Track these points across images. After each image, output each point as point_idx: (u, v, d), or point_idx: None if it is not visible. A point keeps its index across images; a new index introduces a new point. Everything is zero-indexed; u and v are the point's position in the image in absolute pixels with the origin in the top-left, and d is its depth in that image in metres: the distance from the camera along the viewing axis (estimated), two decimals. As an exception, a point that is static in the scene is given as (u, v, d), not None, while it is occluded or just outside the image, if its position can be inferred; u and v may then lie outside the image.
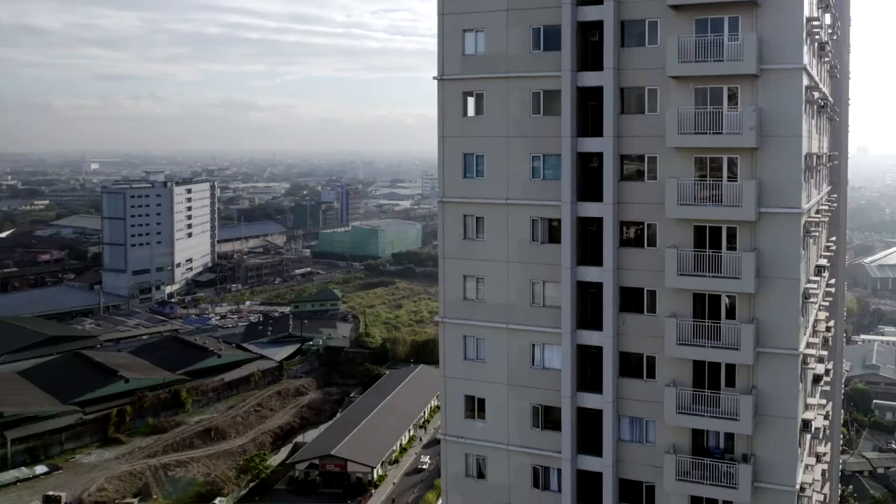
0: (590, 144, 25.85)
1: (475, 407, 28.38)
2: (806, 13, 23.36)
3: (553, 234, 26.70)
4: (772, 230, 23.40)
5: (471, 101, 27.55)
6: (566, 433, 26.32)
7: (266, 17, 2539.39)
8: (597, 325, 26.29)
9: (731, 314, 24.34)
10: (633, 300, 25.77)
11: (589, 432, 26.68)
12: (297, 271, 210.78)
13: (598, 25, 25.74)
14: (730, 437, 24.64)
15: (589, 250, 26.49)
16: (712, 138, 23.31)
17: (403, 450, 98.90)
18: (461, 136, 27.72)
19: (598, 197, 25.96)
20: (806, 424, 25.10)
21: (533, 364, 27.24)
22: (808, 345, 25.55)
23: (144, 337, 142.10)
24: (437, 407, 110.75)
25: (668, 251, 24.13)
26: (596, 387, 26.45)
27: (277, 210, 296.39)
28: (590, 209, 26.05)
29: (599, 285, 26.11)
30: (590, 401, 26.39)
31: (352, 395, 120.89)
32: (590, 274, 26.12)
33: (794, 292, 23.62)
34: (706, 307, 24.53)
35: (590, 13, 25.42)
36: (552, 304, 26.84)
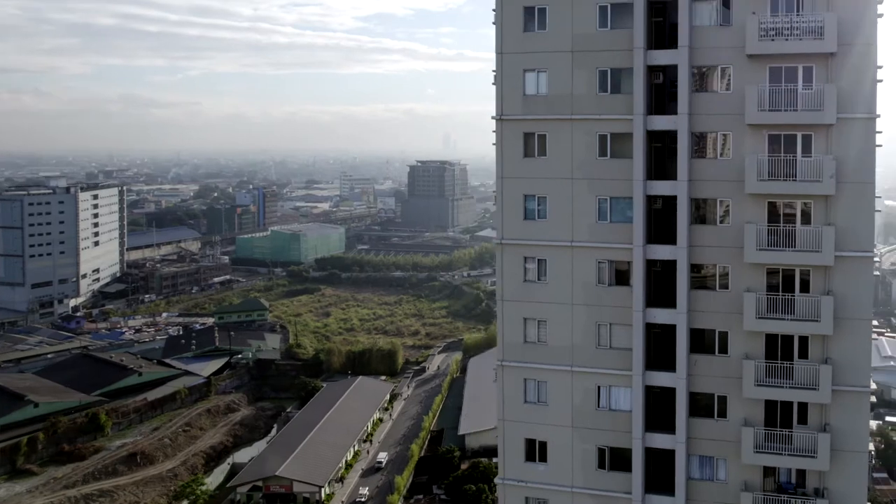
0: (660, 188, 26.05)
1: (536, 450, 27.82)
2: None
3: (620, 276, 26.77)
4: (846, 273, 24.04)
5: (532, 141, 27.23)
6: (636, 473, 26.11)
7: (166, 9, 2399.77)
8: (664, 365, 26.44)
9: (803, 353, 24.63)
10: (703, 341, 25.94)
11: (656, 472, 26.52)
12: (216, 279, 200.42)
13: (663, 68, 25.91)
14: (801, 472, 24.96)
15: (652, 291, 26.62)
16: (791, 185, 23.65)
17: (349, 466, 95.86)
18: (521, 178, 27.46)
19: (664, 239, 26.13)
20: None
21: (598, 406, 27.22)
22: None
23: (49, 355, 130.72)
24: (381, 420, 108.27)
25: (746, 295, 24.66)
26: (663, 426, 26.66)
27: (189, 214, 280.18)
28: (659, 252, 26.14)
29: (664, 326, 26.28)
30: (659, 441, 26.48)
31: (288, 410, 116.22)
32: (659, 316, 26.27)
33: (867, 332, 24.47)
34: (779, 347, 24.75)
35: (661, 57, 25.53)
36: (619, 346, 26.90)
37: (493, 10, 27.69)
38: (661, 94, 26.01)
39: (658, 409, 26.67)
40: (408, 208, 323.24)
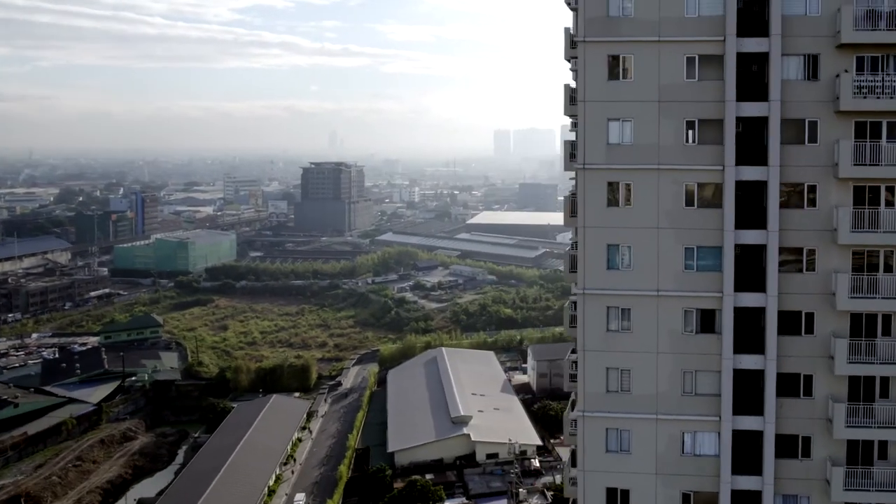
0: (750, 237, 26.58)
1: (618, 498, 28.02)
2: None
3: (705, 323, 27.09)
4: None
5: (616, 191, 27.16)
6: (724, 517, 25.59)
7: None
8: (749, 409, 26.87)
9: (884, 392, 25.37)
10: (789, 385, 26.72)
11: (740, 513, 26.54)
12: (93, 294, 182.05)
13: (743, 118, 26.33)
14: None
15: (738, 337, 27.08)
16: (878, 236, 24.19)
17: (272, 492, 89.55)
18: (605, 227, 27.34)
19: (750, 286, 26.46)
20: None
21: (683, 452, 27.44)
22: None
23: None
24: (300, 440, 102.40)
25: (838, 341, 25.34)
26: (748, 469, 27.13)
27: (52, 221, 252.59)
28: (747, 299, 26.69)
29: (748, 370, 26.74)
30: (744, 483, 27.38)
31: (196, 435, 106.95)
32: (746, 361, 26.88)
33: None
34: (861, 389, 25.07)
35: (749, 109, 26.03)
36: (704, 392, 27.34)
37: (573, 59, 28.24)
38: (745, 143, 26.26)
39: (741, 451, 27.14)
40: (301, 212, 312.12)
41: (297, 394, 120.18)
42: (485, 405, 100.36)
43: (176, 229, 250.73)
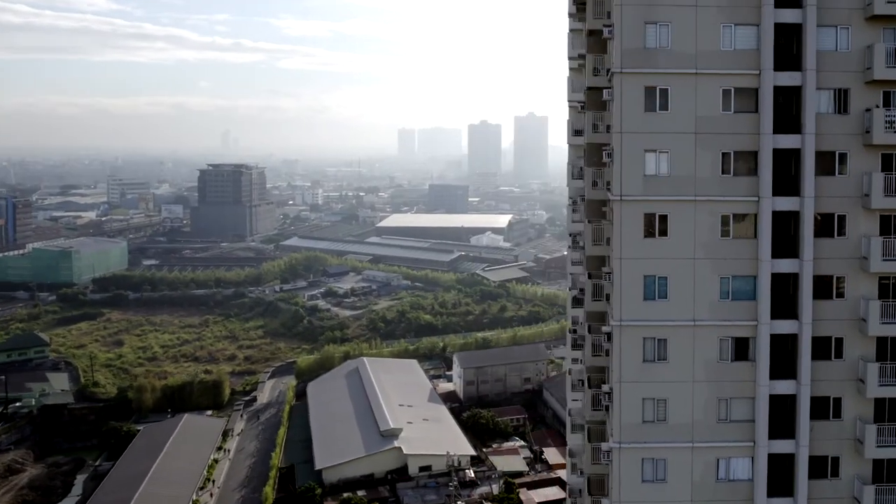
0: (782, 265, 27.43)
1: None
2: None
3: (740, 351, 27.81)
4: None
5: (653, 222, 27.58)
6: (759, 540, 26.57)
7: None
8: (781, 433, 27.86)
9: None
10: (819, 408, 27.88)
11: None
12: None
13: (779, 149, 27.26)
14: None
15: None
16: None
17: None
18: (642, 258, 27.66)
19: (783, 313, 27.45)
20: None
21: (718, 478, 28.07)
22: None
23: None
24: (216, 461, 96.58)
25: (870, 366, 26.60)
26: (781, 491, 28.10)
27: None
28: (780, 326, 27.57)
29: (779, 395, 27.85)
30: None
31: (96, 463, 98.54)
32: (780, 387, 27.79)
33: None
34: (886, 410, 26.58)
35: (784, 141, 26.95)
36: (738, 419, 28.01)
37: (608, 88, 27.96)
38: (776, 174, 27.11)
39: (774, 474, 28.04)
40: (199, 216, 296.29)
41: (209, 412, 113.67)
42: (413, 416, 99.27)
43: (55, 237, 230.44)
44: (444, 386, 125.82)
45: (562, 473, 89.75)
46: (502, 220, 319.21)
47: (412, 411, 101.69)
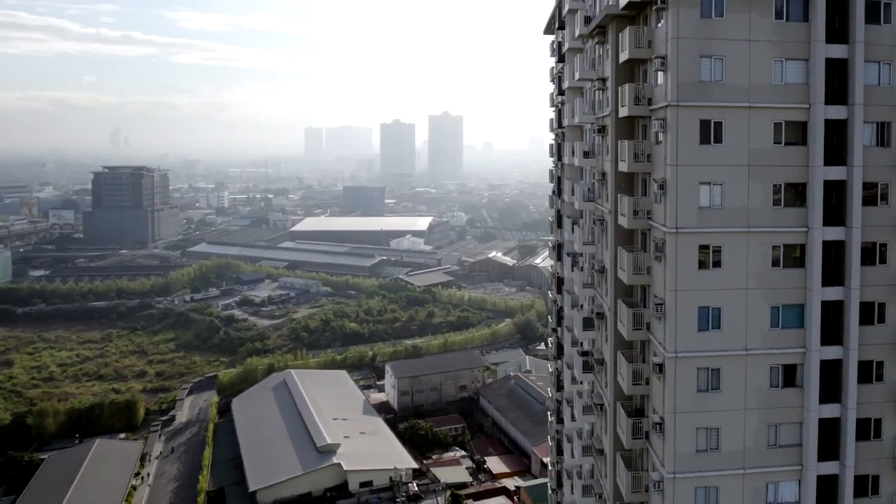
0: (829, 293, 28.66)
1: None
2: None
3: (788, 377, 28.83)
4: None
5: (707, 254, 28.16)
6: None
7: None
8: (826, 454, 29.21)
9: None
10: (862, 429, 29.45)
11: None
12: None
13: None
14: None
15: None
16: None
17: (111, 560, 78.82)
18: (696, 290, 28.19)
19: (829, 339, 28.80)
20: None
21: (767, 502, 28.93)
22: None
23: None
24: (135, 488, 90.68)
25: None
26: None
27: None
28: (827, 352, 28.77)
29: (823, 418, 29.23)
30: None
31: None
32: (825, 410, 29.00)
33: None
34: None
35: (832, 174, 28.16)
36: (786, 443, 28.99)
37: (660, 119, 28.19)
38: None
39: (819, 494, 29.31)
40: (93, 222, 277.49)
41: (122, 435, 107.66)
42: (350, 430, 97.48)
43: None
44: (376, 396, 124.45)
45: (507, 483, 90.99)
46: (422, 223, 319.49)
47: (348, 425, 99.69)
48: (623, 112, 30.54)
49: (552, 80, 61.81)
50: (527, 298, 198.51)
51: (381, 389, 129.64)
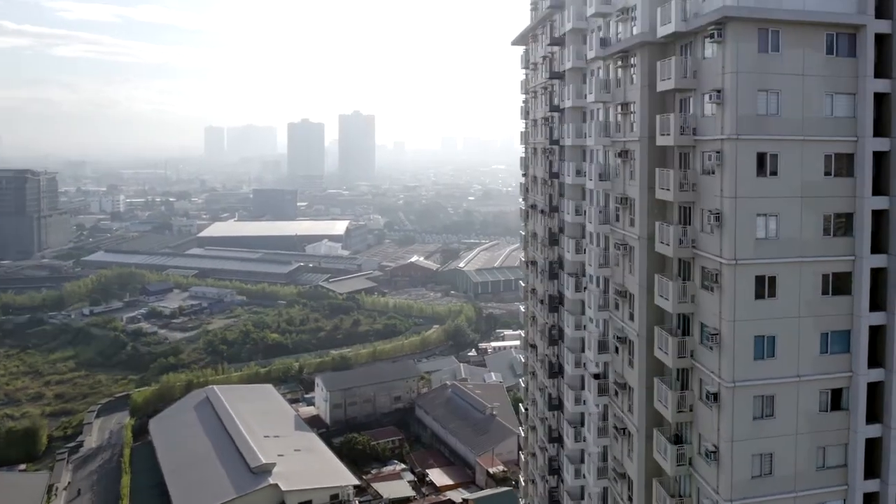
0: (878, 318, 30.14)
1: None
2: None
3: (835, 401, 30.32)
4: None
5: (763, 284, 28.94)
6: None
7: None
8: (870, 473, 30.90)
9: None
10: None
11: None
12: None
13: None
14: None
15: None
16: None
17: None
18: (752, 320, 29.04)
19: (876, 362, 30.51)
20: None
21: None
22: None
23: None
24: None
25: None
26: None
27: None
28: (872, 374, 30.30)
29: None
30: None
31: None
32: (871, 431, 30.58)
33: None
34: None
35: (879, 203, 29.71)
36: (833, 465, 30.35)
37: (714, 151, 28.85)
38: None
39: None
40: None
41: (22, 466, 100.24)
42: (284, 447, 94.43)
43: None
44: (306, 410, 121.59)
45: (452, 496, 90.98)
46: (339, 227, 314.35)
47: (281, 442, 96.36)
48: (666, 141, 31.06)
49: (524, 91, 62.34)
50: (454, 304, 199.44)
51: (310, 403, 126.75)
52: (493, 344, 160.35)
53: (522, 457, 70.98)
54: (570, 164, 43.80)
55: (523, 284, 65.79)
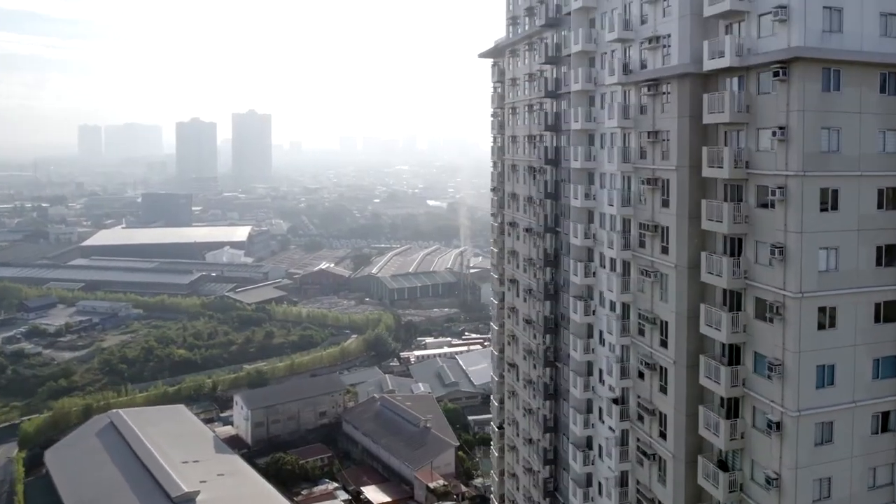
0: None
1: None
2: None
3: (884, 423, 32.01)
4: None
5: (824, 315, 30.25)
6: None
7: None
8: None
9: None
10: None
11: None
12: None
13: None
14: None
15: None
16: None
17: None
18: (815, 350, 30.23)
19: None
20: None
21: None
22: None
23: None
24: None
25: None
26: None
27: None
28: None
29: None
30: None
31: None
32: None
33: None
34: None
35: None
36: (883, 484, 31.97)
37: (777, 187, 29.75)
38: None
39: None
40: None
41: None
42: (205, 472, 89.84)
43: None
44: (223, 430, 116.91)
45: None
46: (240, 233, 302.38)
47: (202, 467, 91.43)
48: (717, 173, 32.00)
49: (498, 106, 61.93)
50: (371, 312, 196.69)
51: (226, 422, 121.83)
52: (416, 353, 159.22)
53: (494, 476, 70.56)
54: (578, 188, 44.02)
55: (496, 302, 65.37)
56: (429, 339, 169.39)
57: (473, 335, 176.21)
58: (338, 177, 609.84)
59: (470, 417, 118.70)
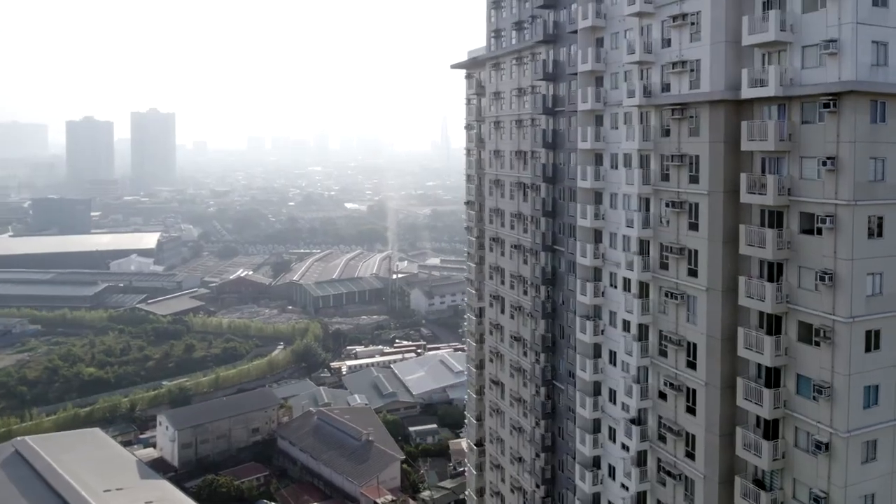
0: None
1: None
2: None
3: None
4: None
5: (871, 339, 31.47)
6: None
7: None
8: None
9: None
10: None
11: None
12: None
13: None
14: None
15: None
16: None
17: None
18: (863, 372, 31.52)
19: None
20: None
21: None
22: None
23: None
24: None
25: None
26: None
27: None
28: None
29: None
30: None
31: None
32: None
33: None
34: None
35: None
36: None
37: (826, 215, 30.79)
38: None
39: None
40: None
41: None
42: (132, 501, 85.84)
43: None
44: (145, 453, 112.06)
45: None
46: (147, 240, 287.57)
47: (128, 495, 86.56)
48: (761, 200, 32.87)
49: (476, 118, 60.95)
50: (297, 321, 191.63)
51: (147, 444, 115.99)
52: (348, 363, 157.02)
53: (471, 493, 69.33)
54: (587, 207, 43.83)
55: (474, 318, 64.38)
56: (359, 348, 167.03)
57: (405, 342, 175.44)
58: (247, 178, 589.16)
59: (411, 428, 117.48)
